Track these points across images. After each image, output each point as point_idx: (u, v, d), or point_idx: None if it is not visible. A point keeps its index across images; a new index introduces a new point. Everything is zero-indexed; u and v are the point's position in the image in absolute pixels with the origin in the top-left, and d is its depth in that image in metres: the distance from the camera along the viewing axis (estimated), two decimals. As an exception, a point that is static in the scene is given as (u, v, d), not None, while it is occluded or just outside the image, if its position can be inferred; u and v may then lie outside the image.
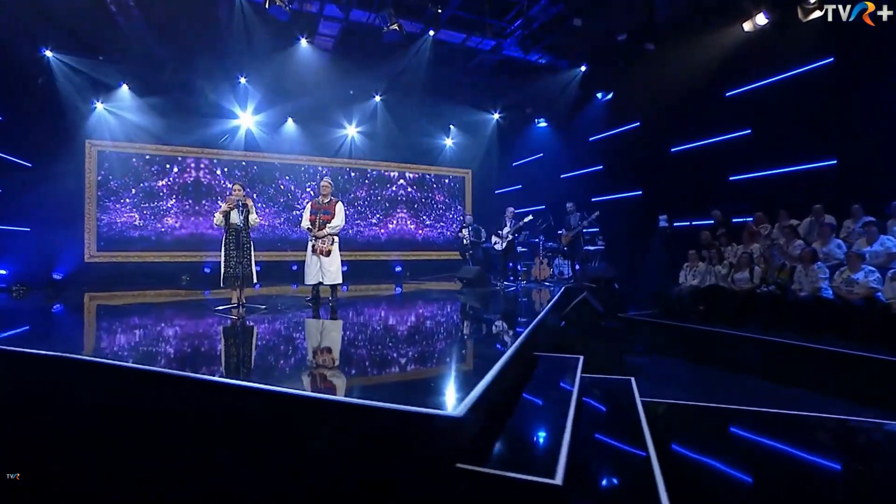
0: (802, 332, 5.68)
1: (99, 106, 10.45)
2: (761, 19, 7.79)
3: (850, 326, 5.22)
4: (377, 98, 11.65)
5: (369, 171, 13.10)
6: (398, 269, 12.33)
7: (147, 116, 10.59)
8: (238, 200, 5.60)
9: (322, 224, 5.96)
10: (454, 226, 13.96)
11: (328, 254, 5.97)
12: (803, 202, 7.31)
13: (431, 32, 8.91)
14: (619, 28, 9.16)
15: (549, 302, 5.68)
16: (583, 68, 10.35)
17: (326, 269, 5.99)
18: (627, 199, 10.51)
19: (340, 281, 6.09)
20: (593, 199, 11.16)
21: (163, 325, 5.17)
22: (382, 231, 13.18)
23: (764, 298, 6.22)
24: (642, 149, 10.15)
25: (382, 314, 6.00)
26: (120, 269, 10.64)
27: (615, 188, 10.78)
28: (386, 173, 13.30)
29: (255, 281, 5.78)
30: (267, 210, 11.89)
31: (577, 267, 8.89)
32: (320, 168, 12.51)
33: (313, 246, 6.01)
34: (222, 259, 5.66)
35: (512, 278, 8.98)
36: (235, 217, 5.66)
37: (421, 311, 6.35)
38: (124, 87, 10.37)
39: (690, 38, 8.84)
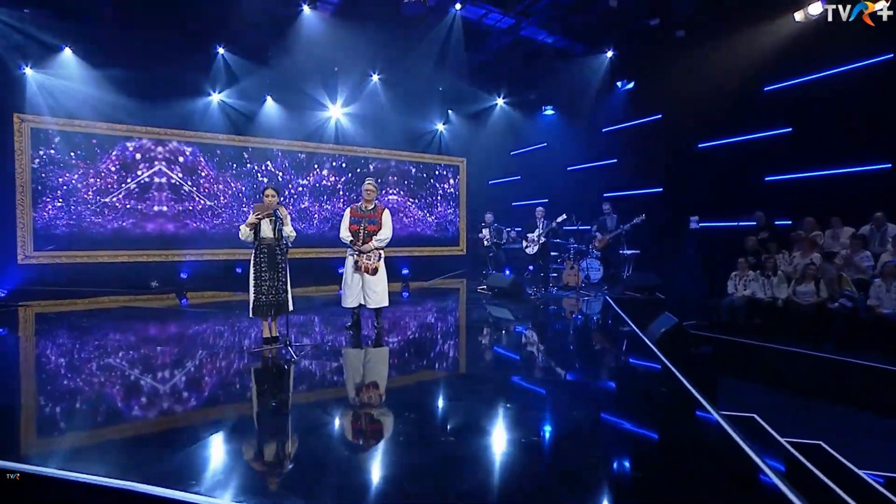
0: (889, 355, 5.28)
1: (28, 72, 8.48)
2: (816, 8, 7.29)
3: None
4: (375, 77, 10.30)
5: (358, 157, 11.78)
6: (405, 271, 11.11)
7: (98, 89, 8.74)
8: (274, 210, 4.36)
9: (367, 235, 4.85)
10: (447, 216, 13.00)
11: (375, 272, 4.88)
12: (850, 208, 7.00)
13: (458, 6, 7.75)
14: (652, 12, 8.42)
15: (634, 325, 4.95)
16: (609, 54, 9.55)
17: (371, 289, 4.91)
18: (646, 196, 9.94)
19: (387, 303, 5.04)
20: (605, 195, 10.55)
21: (173, 376, 3.93)
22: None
23: (837, 315, 5.79)
24: (664, 143, 9.59)
25: (443, 347, 5.03)
26: (66, 271, 8.85)
27: (631, 184, 10.20)
28: (376, 160, 12.02)
29: (290, 308, 4.59)
30: (245, 202, 10.37)
31: (611, 272, 8.24)
32: (302, 154, 11.07)
33: (356, 262, 4.89)
34: (251, 283, 4.45)
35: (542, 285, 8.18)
36: (267, 230, 4.44)
37: (484, 340, 5.39)
38: (67, 52, 8.46)
39: (728, 27, 8.26)
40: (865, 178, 7.10)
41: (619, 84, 10.11)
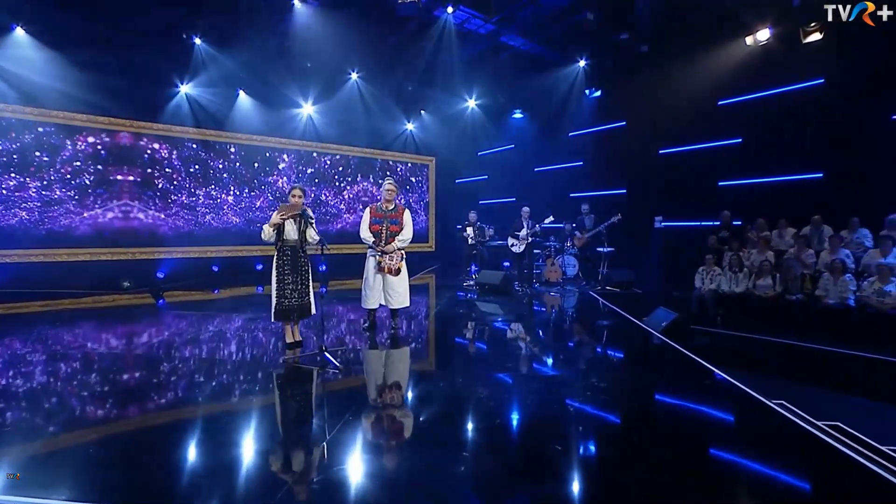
0: (838, 340, 5.94)
1: (-32, 53, 7.69)
2: (764, 35, 8.22)
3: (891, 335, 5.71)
4: (354, 76, 10.25)
5: (331, 154, 11.65)
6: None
7: (54, 74, 8.05)
8: (303, 210, 4.35)
9: (390, 236, 4.97)
10: (416, 214, 13.16)
11: (397, 272, 5.01)
12: (792, 210, 8.00)
13: (450, 9, 7.93)
14: (622, 27, 9.07)
15: (647, 325, 5.43)
16: (582, 63, 10.15)
17: (394, 290, 5.04)
18: (610, 197, 10.67)
19: (408, 304, 5.18)
20: (571, 195, 11.25)
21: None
22: (351, 220, 11.90)
23: (794, 306, 6.60)
24: (628, 148, 10.34)
25: (478, 344, 5.18)
26: (17, 270, 8.10)
27: (596, 185, 10.91)
28: (346, 157, 11.94)
29: (313, 311, 4.60)
30: (216, 198, 9.97)
31: (589, 268, 8.81)
32: (278, 150, 10.80)
33: (379, 262, 4.99)
34: (274, 286, 4.40)
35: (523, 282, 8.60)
36: (291, 231, 4.42)
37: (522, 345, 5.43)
38: (19, 32, 7.73)
39: (688, 46, 9.07)
40: (803, 184, 8.14)
41: (587, 92, 10.76)
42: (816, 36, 7.80)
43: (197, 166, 9.74)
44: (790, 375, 4.58)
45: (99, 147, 8.76)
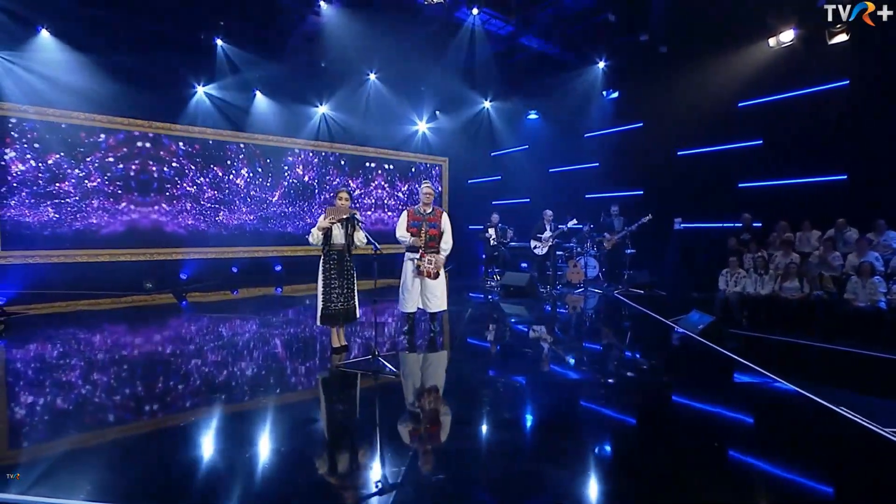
0: (874, 344, 5.89)
1: (-8, 54, 7.67)
2: (787, 36, 8.20)
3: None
4: (372, 76, 10.23)
5: (345, 155, 11.64)
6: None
7: (79, 75, 8.06)
8: (352, 214, 4.34)
9: (429, 239, 4.95)
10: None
11: (436, 276, 5.00)
12: (815, 213, 7.98)
13: (475, 11, 7.91)
14: (642, 28, 9.05)
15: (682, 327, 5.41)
16: (601, 64, 10.12)
17: (431, 293, 5.03)
18: (626, 198, 10.65)
19: (445, 307, 5.17)
20: (587, 196, 11.24)
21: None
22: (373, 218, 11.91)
23: (823, 309, 6.58)
24: (645, 150, 10.31)
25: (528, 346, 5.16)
26: (40, 272, 8.07)
27: (613, 186, 10.87)
28: (360, 157, 11.93)
29: (358, 316, 4.60)
30: (233, 198, 9.95)
31: (615, 270, 8.79)
32: (293, 150, 10.78)
33: (418, 266, 4.98)
34: (320, 290, 4.39)
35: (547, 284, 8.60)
36: (338, 235, 4.41)
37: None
38: (44, 34, 7.70)
39: (709, 47, 9.05)
40: (826, 187, 8.11)
41: (604, 93, 10.73)
42: (842, 37, 7.76)
43: (213, 167, 9.72)
44: (833, 380, 4.49)
45: (117, 148, 8.74)
